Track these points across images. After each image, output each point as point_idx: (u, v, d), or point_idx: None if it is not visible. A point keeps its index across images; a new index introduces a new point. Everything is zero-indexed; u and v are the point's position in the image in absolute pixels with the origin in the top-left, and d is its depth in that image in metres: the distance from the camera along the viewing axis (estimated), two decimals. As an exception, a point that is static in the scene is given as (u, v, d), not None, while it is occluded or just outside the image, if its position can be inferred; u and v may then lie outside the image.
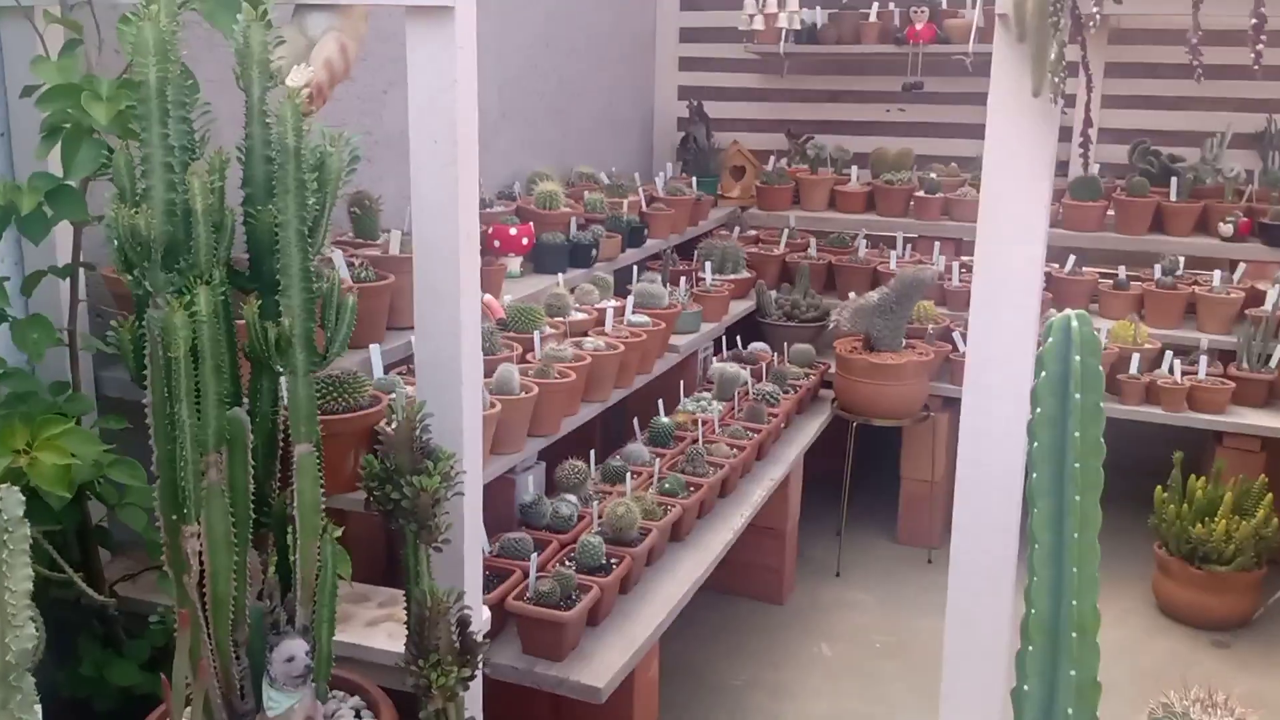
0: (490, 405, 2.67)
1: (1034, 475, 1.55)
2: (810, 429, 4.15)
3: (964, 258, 5.12)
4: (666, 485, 3.16)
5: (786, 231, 5.16)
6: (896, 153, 5.32)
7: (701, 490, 3.20)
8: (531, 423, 2.92)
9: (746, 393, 4.04)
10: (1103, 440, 1.52)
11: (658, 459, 3.35)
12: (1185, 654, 3.78)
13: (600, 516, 2.90)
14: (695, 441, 3.52)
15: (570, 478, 3.02)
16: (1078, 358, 1.49)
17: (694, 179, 5.16)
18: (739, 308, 4.59)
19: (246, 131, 1.80)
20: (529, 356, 3.16)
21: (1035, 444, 1.54)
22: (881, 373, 4.10)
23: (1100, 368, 1.53)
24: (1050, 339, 1.52)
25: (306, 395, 1.81)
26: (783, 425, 3.83)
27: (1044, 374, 1.52)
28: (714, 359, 4.29)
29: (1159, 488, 4.03)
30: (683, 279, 4.29)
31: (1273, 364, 4.18)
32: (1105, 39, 5.06)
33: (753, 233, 5.27)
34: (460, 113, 2.08)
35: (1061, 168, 5.13)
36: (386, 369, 2.80)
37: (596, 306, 3.68)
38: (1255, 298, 4.43)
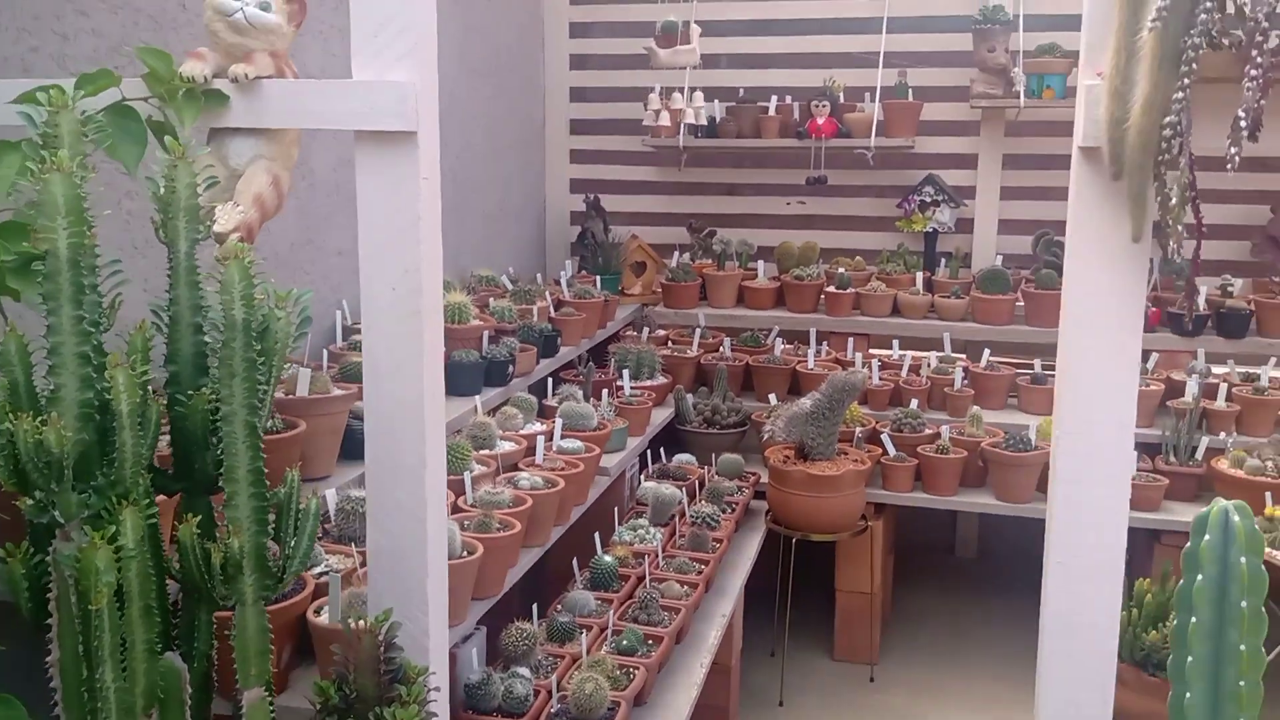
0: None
1: (1187, 694, 1.29)
2: (749, 549, 3.87)
3: (874, 351, 4.99)
4: (624, 642, 2.81)
5: (698, 331, 4.93)
6: (802, 246, 5.19)
7: (663, 645, 2.86)
8: (475, 585, 2.54)
9: (683, 514, 3.73)
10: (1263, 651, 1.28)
11: (608, 608, 3.00)
12: (1149, 769, 3.63)
13: (559, 691, 2.53)
14: (643, 582, 3.18)
15: (518, 644, 2.64)
16: (1241, 558, 1.25)
17: (597, 278, 4.89)
18: (659, 416, 4.31)
19: (171, 295, 1.42)
20: (460, 503, 2.78)
21: (1189, 658, 1.29)
22: (820, 485, 3.87)
23: (1263, 567, 1.30)
24: (1206, 536, 1.28)
25: (258, 628, 1.42)
26: (721, 557, 3.53)
27: (1199, 577, 1.27)
28: (641, 477, 3.98)
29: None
30: (604, 391, 3.98)
31: (1199, 456, 4.15)
32: (1002, 131, 5.08)
33: (661, 332, 5.02)
34: (426, 253, 1.74)
35: (964, 259, 5.09)
36: (304, 533, 2.38)
37: (523, 433, 3.33)
38: (1174, 388, 4.42)
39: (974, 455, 4.20)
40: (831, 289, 4.93)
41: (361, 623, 1.63)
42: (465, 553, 2.48)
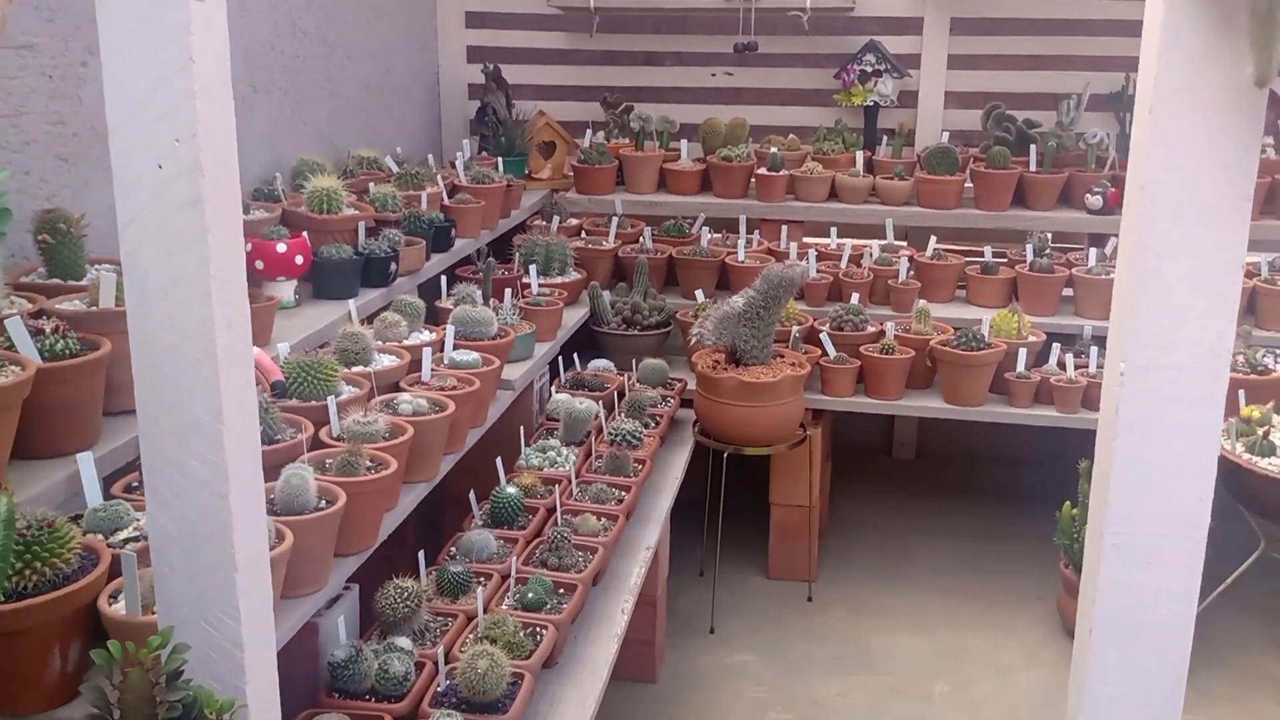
0: (276, 538, 1.79)
1: None
2: (676, 466, 3.43)
3: (810, 240, 4.52)
4: (530, 595, 2.35)
5: (615, 220, 4.39)
6: (730, 124, 4.64)
7: (576, 595, 2.41)
8: (338, 539, 2.05)
9: (600, 430, 3.26)
10: None
11: (511, 550, 2.53)
12: (1110, 692, 3.33)
13: (448, 664, 2.07)
14: (553, 516, 2.72)
15: (396, 607, 2.17)
16: None
17: (498, 160, 4.30)
18: (572, 318, 3.80)
19: None
20: (325, 435, 2.26)
21: None
22: (754, 392, 3.42)
23: None
24: None
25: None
26: (644, 480, 3.08)
27: None
28: (552, 388, 3.49)
29: (1067, 505, 3.57)
30: (508, 291, 3.45)
31: (1161, 351, 3.79)
32: (950, -9, 4.55)
33: (574, 222, 4.48)
34: (206, 114, 1.19)
35: (908, 137, 4.60)
36: (106, 485, 1.87)
37: (407, 344, 2.80)
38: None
39: (921, 355, 3.78)
40: (763, 171, 4.42)
41: (130, 648, 1.12)
42: (324, 502, 1.98)
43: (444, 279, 3.44)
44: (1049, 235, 4.22)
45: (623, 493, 2.94)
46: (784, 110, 4.81)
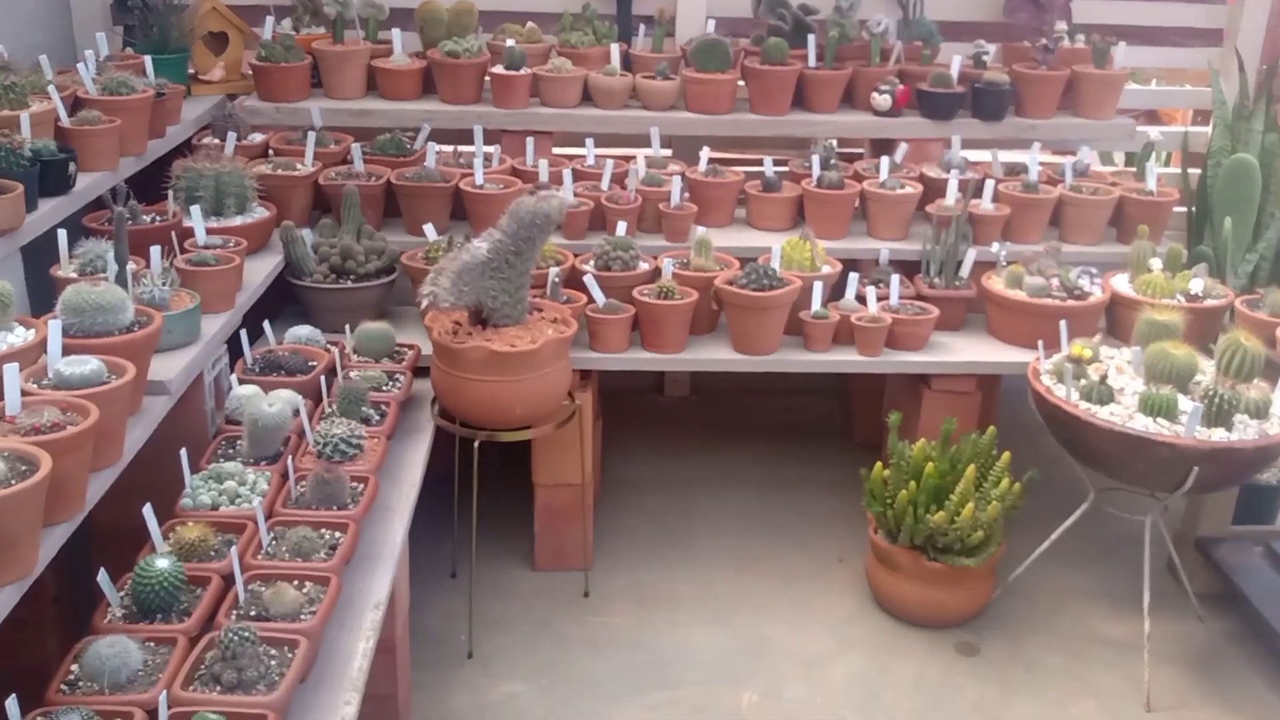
0: None
1: None
2: (412, 469, 2.63)
3: (561, 152, 3.76)
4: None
5: (313, 136, 3.43)
6: (454, 9, 3.74)
7: (268, 738, 1.62)
8: None
9: (300, 439, 2.41)
10: None
11: (167, 659, 1.69)
12: (937, 677, 2.91)
13: None
14: (232, 587, 1.88)
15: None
16: None
17: (148, 59, 3.22)
18: (259, 272, 2.88)
19: None
20: None
21: None
22: (510, 364, 2.66)
23: None
24: None
25: None
26: (368, 509, 2.27)
27: None
28: (234, 376, 2.58)
29: (878, 466, 3.07)
30: (160, 248, 2.48)
31: (964, 273, 3.33)
32: None
33: (256, 139, 3.48)
34: None
35: (669, 25, 3.86)
36: None
37: (-20, 355, 1.84)
38: (932, 188, 3.54)
39: (705, 295, 3.14)
40: (499, 70, 3.58)
41: None
42: None
43: (62, 239, 2.43)
44: (834, 143, 3.65)
45: (336, 534, 2.13)
46: (518, -9, 3.95)
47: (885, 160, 3.53)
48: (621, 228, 3.29)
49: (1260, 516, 3.42)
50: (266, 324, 2.83)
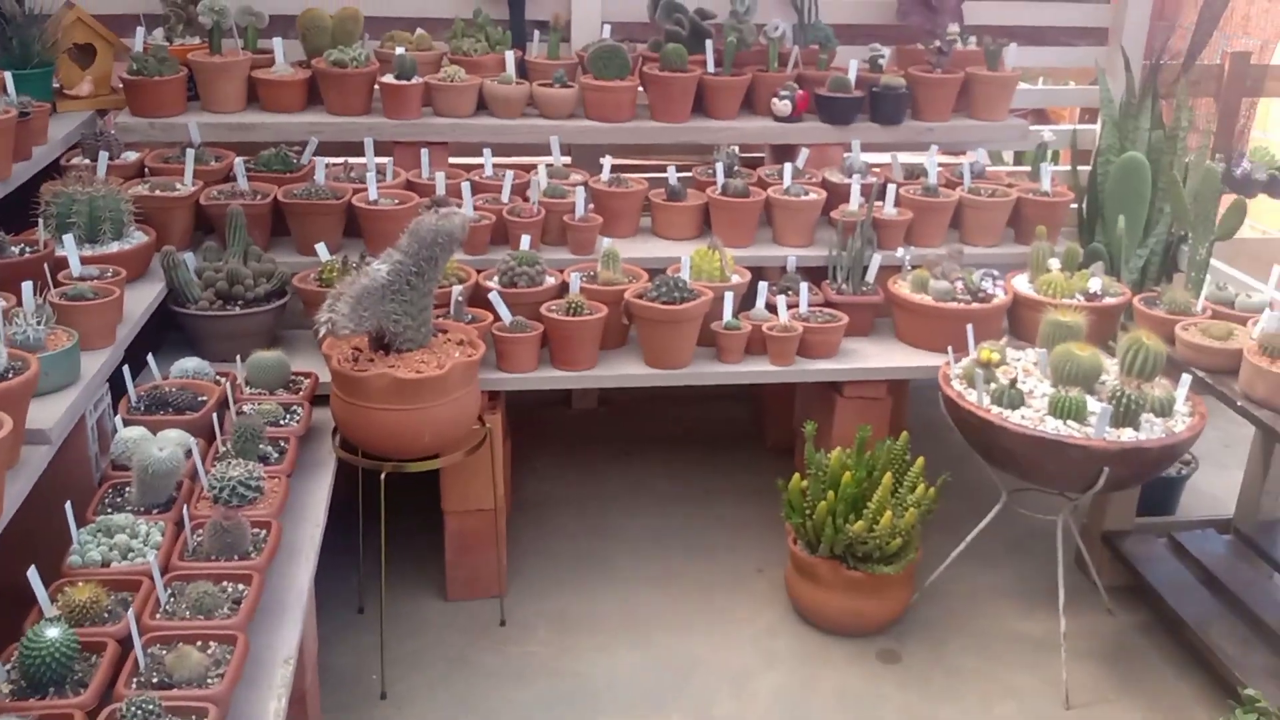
0: None
1: None
2: (316, 508, 2.49)
3: (457, 163, 3.64)
4: None
5: (192, 153, 3.23)
6: (338, 16, 3.58)
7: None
8: None
9: (194, 483, 2.25)
10: None
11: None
12: (861, 687, 2.90)
13: None
14: (130, 652, 1.73)
15: None
16: None
17: (8, 75, 2.98)
18: (140, 302, 2.70)
19: None
20: None
21: None
22: (417, 391, 2.54)
23: None
24: None
25: None
26: (272, 557, 2.13)
27: None
28: (117, 417, 2.40)
29: (796, 477, 3.04)
30: (26, 284, 2.28)
31: (870, 278, 3.33)
32: None
33: (131, 157, 3.26)
34: None
35: (564, 31, 3.77)
36: None
37: None
38: (835, 193, 3.54)
39: (615, 309, 3.07)
40: (389, 79, 3.44)
41: None
42: None
43: (-86, 273, 2.23)
44: (736, 149, 3.62)
45: (240, 587, 1.99)
46: (408, -2, 3.81)
47: (788, 166, 3.51)
48: (525, 241, 3.19)
49: (1161, 507, 3.52)
50: (150, 358, 2.65)
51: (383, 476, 2.66)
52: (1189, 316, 3.02)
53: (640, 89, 3.62)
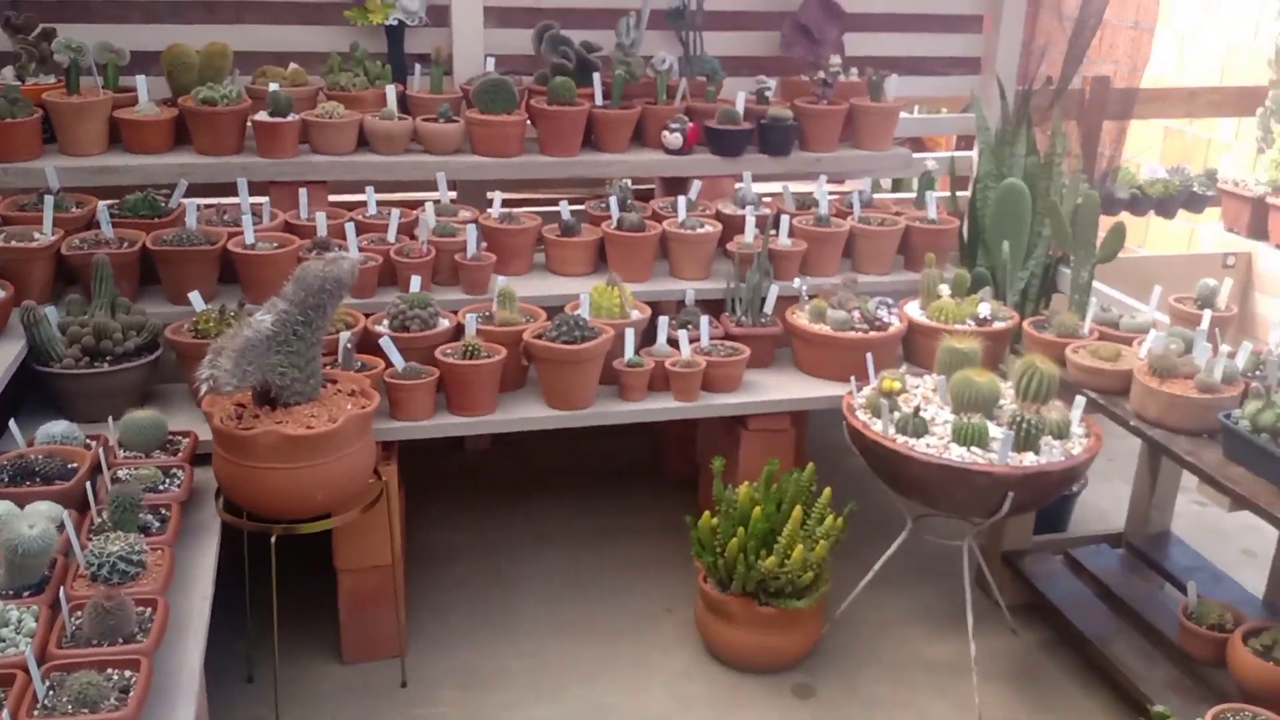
0: None
1: None
2: (203, 578, 2.31)
3: (337, 201, 3.50)
4: None
5: (50, 200, 3.01)
6: (205, 51, 3.40)
7: None
8: None
9: (69, 559, 2.06)
10: None
11: None
12: (780, 727, 2.86)
13: None
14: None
15: None
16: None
17: None
18: (-3, 363, 2.49)
19: None
20: None
21: None
22: (308, 448, 2.40)
23: None
24: None
25: None
26: (160, 637, 1.96)
27: None
28: (-26, 493, 2.19)
29: (706, 515, 2.99)
30: None
31: (769, 309, 3.32)
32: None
33: (-19, 205, 3.03)
34: None
35: (447, 65, 3.66)
36: None
37: None
38: (729, 225, 3.52)
39: (514, 350, 2.97)
40: (263, 117, 3.29)
41: None
42: None
43: None
44: (629, 182, 3.57)
45: (127, 674, 1.81)
46: (279, 31, 3.65)
47: (683, 199, 3.48)
48: (415, 283, 3.07)
49: (1056, 524, 3.59)
50: (13, 423, 2.43)
51: (273, 540, 2.50)
52: (1077, 339, 3.09)
53: (529, 123, 3.54)
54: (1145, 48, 3.88)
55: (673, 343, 3.15)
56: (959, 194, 4.05)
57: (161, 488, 2.41)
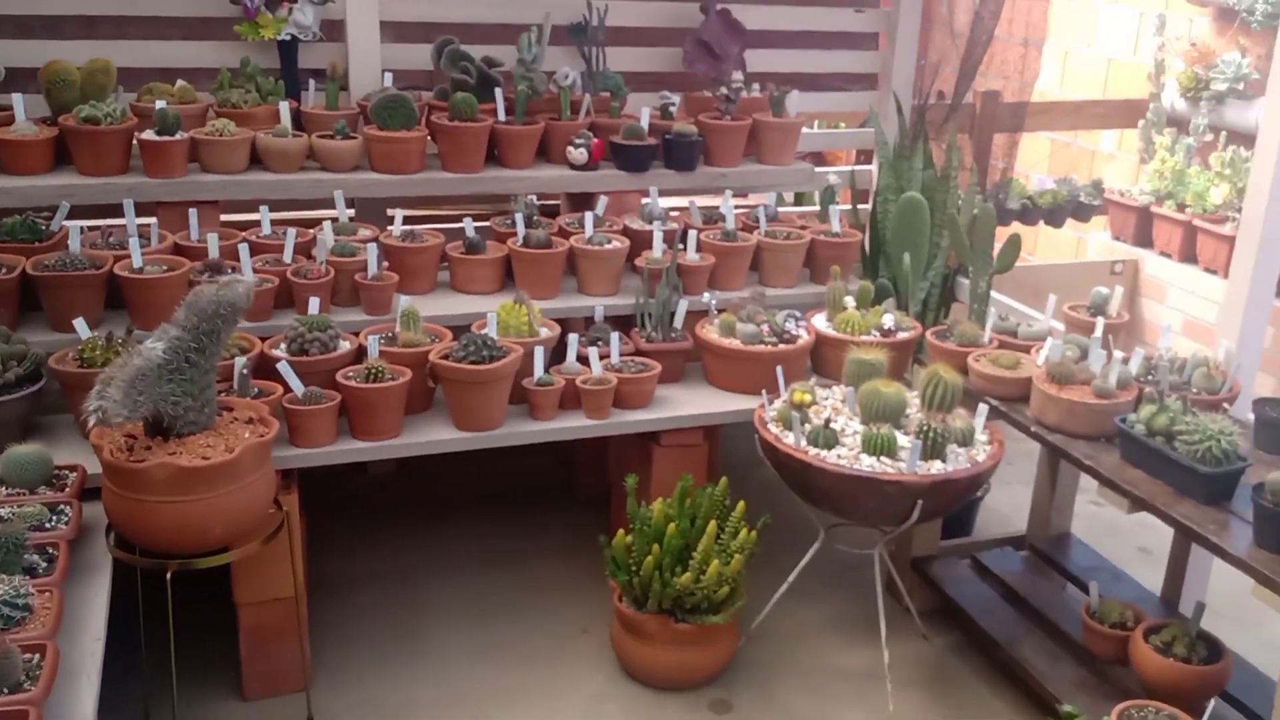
0: None
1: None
2: (94, 620, 2.19)
3: (230, 221, 3.38)
4: None
5: (-83, 223, 2.85)
6: (88, 68, 3.25)
7: None
8: None
9: (-57, 609, 1.93)
10: None
11: None
12: (699, 746, 2.84)
13: None
14: None
15: None
16: None
17: None
18: None
19: None
20: None
21: None
22: (203, 480, 2.30)
23: None
24: None
25: None
26: (50, 685, 1.84)
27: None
28: None
29: (620, 534, 2.96)
30: None
31: (679, 324, 3.31)
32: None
33: None
34: None
35: (343, 81, 3.58)
36: None
37: None
38: (637, 240, 3.50)
39: (419, 372, 2.90)
40: (150, 135, 3.16)
41: None
42: None
43: None
44: (534, 198, 3.53)
45: (8, 732, 1.70)
46: (165, 47, 3.51)
47: (589, 215, 3.46)
48: (314, 304, 2.98)
49: (961, 529, 3.66)
50: (-124, 463, 2.28)
51: (168, 576, 2.39)
52: (978, 348, 3.15)
53: (429, 139, 3.48)
54: (1034, 63, 3.99)
55: (583, 360, 3.11)
56: (860, 207, 4.11)
57: (48, 526, 2.28)
